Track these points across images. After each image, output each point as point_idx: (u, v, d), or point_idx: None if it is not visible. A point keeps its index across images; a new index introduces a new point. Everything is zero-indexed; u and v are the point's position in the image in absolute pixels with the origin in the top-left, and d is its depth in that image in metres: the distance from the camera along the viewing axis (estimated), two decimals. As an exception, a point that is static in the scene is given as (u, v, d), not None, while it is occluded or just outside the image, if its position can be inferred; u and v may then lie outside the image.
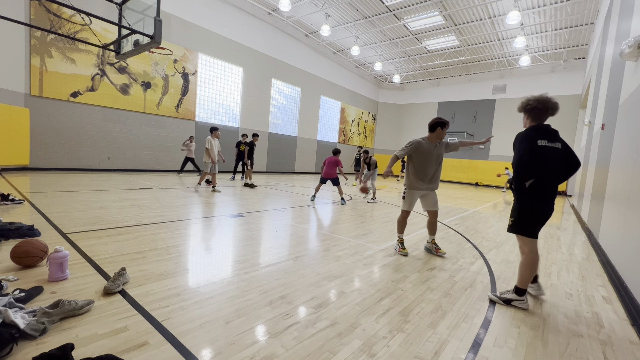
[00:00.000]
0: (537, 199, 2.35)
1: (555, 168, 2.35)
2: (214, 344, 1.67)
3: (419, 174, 3.58)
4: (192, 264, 2.86)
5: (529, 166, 2.31)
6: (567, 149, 2.42)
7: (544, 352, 1.85)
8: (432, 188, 3.66)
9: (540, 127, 2.42)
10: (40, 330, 1.62)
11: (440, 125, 3.49)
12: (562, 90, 16.92)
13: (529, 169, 2.31)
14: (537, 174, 2.31)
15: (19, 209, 4.35)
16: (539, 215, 2.40)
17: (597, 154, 5.95)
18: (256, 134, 10.07)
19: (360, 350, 1.71)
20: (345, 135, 21.11)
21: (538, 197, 2.35)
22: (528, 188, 2.34)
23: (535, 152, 2.31)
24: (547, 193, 2.35)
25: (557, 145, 2.37)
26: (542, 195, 2.35)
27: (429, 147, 3.56)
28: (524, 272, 2.43)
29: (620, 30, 5.03)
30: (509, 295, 2.47)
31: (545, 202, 2.37)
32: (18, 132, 8.18)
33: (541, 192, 2.34)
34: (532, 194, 2.34)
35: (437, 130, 3.52)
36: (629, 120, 3.47)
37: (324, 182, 7.23)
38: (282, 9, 12.05)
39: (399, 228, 3.74)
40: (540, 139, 2.33)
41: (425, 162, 3.55)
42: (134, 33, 4.88)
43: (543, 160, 2.30)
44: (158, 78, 11.17)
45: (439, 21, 13.59)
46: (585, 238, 5.45)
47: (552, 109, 2.39)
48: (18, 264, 2.44)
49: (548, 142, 2.34)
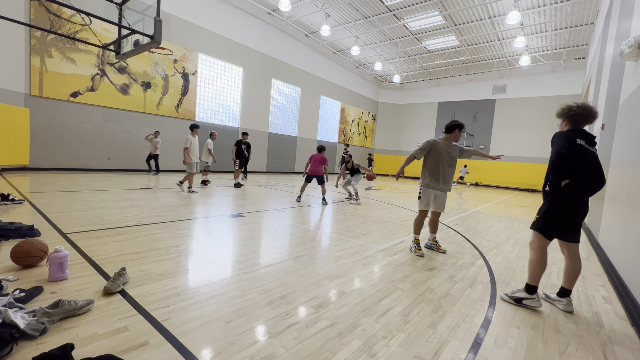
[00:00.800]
0: (566, 204, 2.32)
1: (590, 169, 2.32)
2: (214, 344, 1.67)
3: (434, 173, 3.64)
4: (192, 264, 2.86)
5: (566, 161, 2.26)
6: (597, 161, 2.37)
7: (544, 352, 1.85)
8: (444, 190, 3.70)
9: (579, 129, 2.39)
10: (40, 330, 1.62)
11: (458, 127, 3.59)
12: (562, 90, 16.93)
13: (566, 165, 2.27)
14: (573, 171, 2.26)
15: (19, 209, 4.35)
16: (564, 220, 2.37)
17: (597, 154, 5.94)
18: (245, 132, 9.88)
19: (360, 350, 1.71)
20: (345, 135, 21.11)
21: (568, 201, 2.32)
22: (562, 189, 2.29)
23: (574, 148, 2.27)
24: (579, 197, 2.31)
25: (594, 150, 2.35)
26: (572, 200, 2.31)
27: (444, 146, 3.62)
28: (533, 269, 2.44)
29: (620, 30, 5.03)
30: (520, 294, 2.48)
31: (575, 207, 2.33)
32: (18, 132, 8.18)
33: (572, 197, 2.30)
34: (563, 196, 2.31)
35: (454, 132, 3.60)
36: (629, 120, 3.47)
37: (309, 181, 7.11)
38: (282, 9, 12.06)
39: (416, 229, 3.75)
40: (579, 139, 2.30)
41: (440, 162, 3.61)
42: (134, 33, 4.88)
43: (580, 158, 2.27)
44: (158, 78, 11.17)
45: (439, 21, 13.59)
46: (585, 238, 5.45)
47: (592, 117, 2.38)
48: (18, 264, 2.44)
49: (586, 144, 2.32)
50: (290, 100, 16.79)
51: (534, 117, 17.74)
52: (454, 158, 3.68)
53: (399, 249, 3.82)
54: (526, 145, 17.80)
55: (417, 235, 3.74)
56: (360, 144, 22.78)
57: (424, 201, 3.67)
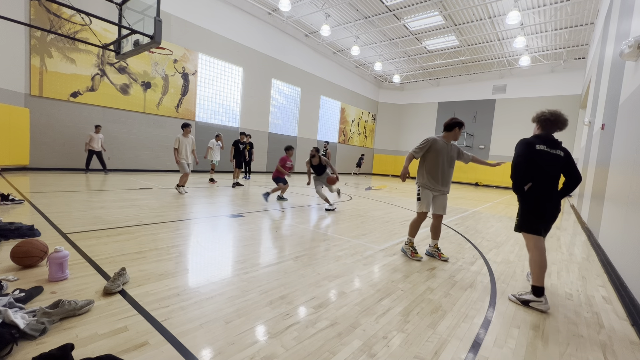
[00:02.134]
0: (536, 201, 2.52)
1: (550, 173, 2.50)
2: (214, 344, 1.67)
3: (433, 173, 3.48)
4: (192, 264, 2.86)
5: (524, 168, 2.51)
6: (569, 160, 2.55)
7: (544, 352, 1.85)
8: (444, 191, 3.54)
9: (542, 135, 2.60)
10: (40, 330, 1.62)
11: (458, 125, 3.44)
12: (562, 90, 16.93)
13: (524, 171, 2.51)
14: (531, 176, 2.51)
15: (19, 209, 4.35)
16: (538, 214, 2.53)
17: (597, 154, 5.95)
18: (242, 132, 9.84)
19: (360, 350, 1.71)
20: (345, 135, 21.10)
21: (536, 198, 2.52)
22: (527, 191, 2.54)
23: (532, 155, 2.50)
24: (545, 194, 2.51)
25: (558, 153, 2.53)
26: (540, 197, 2.51)
27: (443, 145, 3.47)
28: (534, 270, 2.50)
29: (620, 30, 5.03)
30: (527, 297, 2.48)
31: (543, 203, 2.52)
32: (18, 132, 8.18)
33: (539, 194, 2.51)
34: (531, 196, 2.53)
35: (454, 130, 3.46)
36: (629, 120, 3.47)
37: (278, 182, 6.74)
38: (282, 9, 12.06)
39: (412, 231, 3.58)
40: (539, 144, 2.52)
41: (439, 161, 3.45)
42: (134, 33, 4.88)
43: (537, 164, 2.49)
44: (158, 78, 11.17)
45: (439, 21, 13.59)
46: (585, 238, 5.45)
47: (561, 124, 2.56)
48: (18, 264, 2.44)
49: (547, 148, 2.51)
50: (290, 100, 16.79)
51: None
52: (453, 158, 3.53)
53: (399, 249, 3.82)
54: (526, 145, 17.78)
55: (413, 238, 3.58)
56: (360, 144, 22.78)
57: (424, 202, 3.48)
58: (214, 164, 8.94)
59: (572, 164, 2.55)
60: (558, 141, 2.58)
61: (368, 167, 23.97)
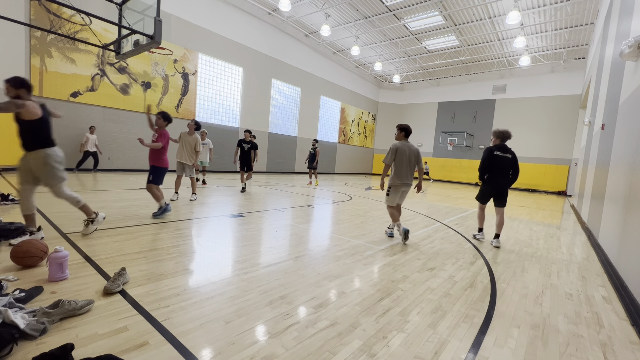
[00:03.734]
0: (489, 185, 4.43)
1: (503, 169, 4.32)
2: (214, 344, 1.67)
3: (399, 173, 4.28)
4: (192, 264, 2.86)
5: (486, 166, 4.35)
6: (514, 160, 4.33)
7: (544, 352, 1.85)
8: (409, 184, 4.35)
9: (499, 144, 4.38)
10: (40, 330, 1.62)
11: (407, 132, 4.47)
12: (562, 90, 16.93)
13: (486, 168, 4.36)
14: (490, 171, 4.36)
15: (19, 209, 4.34)
16: (489, 192, 4.47)
17: (597, 154, 5.95)
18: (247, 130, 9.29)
19: (360, 350, 1.71)
20: (345, 135, 21.11)
21: (489, 184, 4.42)
22: (486, 179, 4.44)
23: (491, 158, 4.32)
24: (496, 182, 4.37)
25: (507, 156, 4.31)
26: (492, 183, 4.40)
27: (404, 147, 4.31)
28: (478, 219, 4.74)
29: (620, 30, 5.03)
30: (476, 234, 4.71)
31: (494, 186, 4.39)
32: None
33: (492, 181, 4.40)
34: (487, 182, 4.45)
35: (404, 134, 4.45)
36: (629, 120, 3.47)
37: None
38: (282, 9, 12.06)
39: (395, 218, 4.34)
40: (496, 151, 4.33)
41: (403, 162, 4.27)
42: (134, 33, 4.87)
43: (494, 164, 4.33)
44: (158, 78, 11.17)
45: (439, 21, 13.59)
46: (585, 238, 5.45)
47: (508, 136, 4.39)
48: (18, 264, 2.44)
49: (501, 153, 4.32)
50: (290, 100, 16.79)
51: (534, 117, 17.73)
52: (412, 153, 4.36)
53: (398, 249, 3.82)
54: (526, 145, 17.78)
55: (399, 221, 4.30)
56: (360, 144, 22.78)
57: (393, 199, 4.33)
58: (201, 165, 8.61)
59: (515, 164, 4.32)
60: (507, 147, 4.33)
61: (368, 167, 23.98)
